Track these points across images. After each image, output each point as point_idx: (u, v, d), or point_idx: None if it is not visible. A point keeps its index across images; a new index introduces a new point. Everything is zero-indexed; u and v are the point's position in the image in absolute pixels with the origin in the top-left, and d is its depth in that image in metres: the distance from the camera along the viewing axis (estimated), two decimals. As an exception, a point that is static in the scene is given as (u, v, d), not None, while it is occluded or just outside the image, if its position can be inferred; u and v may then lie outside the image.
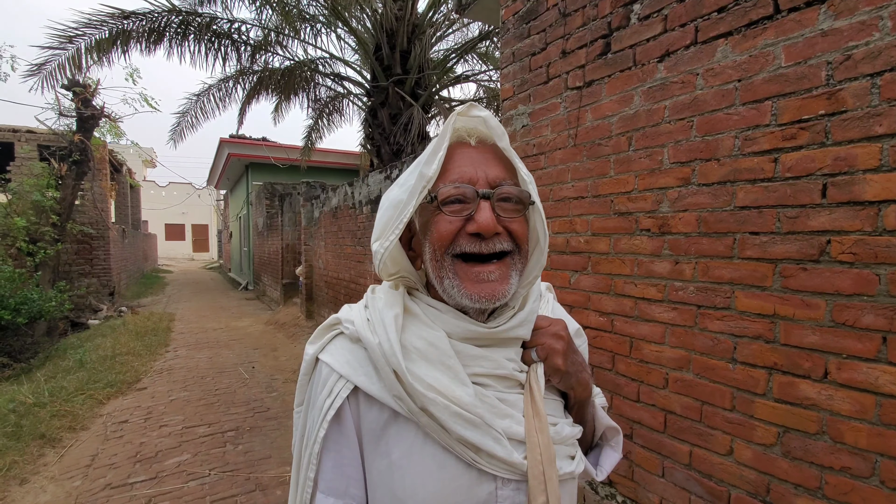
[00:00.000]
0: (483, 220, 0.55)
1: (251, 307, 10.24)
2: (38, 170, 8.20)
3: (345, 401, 0.58)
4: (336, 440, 0.58)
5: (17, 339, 6.21)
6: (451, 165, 0.59)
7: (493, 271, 0.57)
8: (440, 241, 0.57)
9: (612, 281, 1.98)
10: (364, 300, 0.65)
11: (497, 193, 0.57)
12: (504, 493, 0.58)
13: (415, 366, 0.56)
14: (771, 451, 1.46)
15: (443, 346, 0.57)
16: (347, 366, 0.59)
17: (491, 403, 0.57)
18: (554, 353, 0.62)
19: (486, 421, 0.56)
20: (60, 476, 2.85)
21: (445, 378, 0.56)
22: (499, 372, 0.59)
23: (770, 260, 1.45)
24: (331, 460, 0.58)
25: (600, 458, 0.75)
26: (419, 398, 0.55)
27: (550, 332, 0.63)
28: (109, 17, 5.75)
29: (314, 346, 0.63)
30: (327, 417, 0.57)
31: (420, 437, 0.57)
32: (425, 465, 0.56)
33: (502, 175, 0.59)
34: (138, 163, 23.93)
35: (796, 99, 1.37)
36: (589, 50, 2.05)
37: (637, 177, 1.86)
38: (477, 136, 0.61)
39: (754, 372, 1.49)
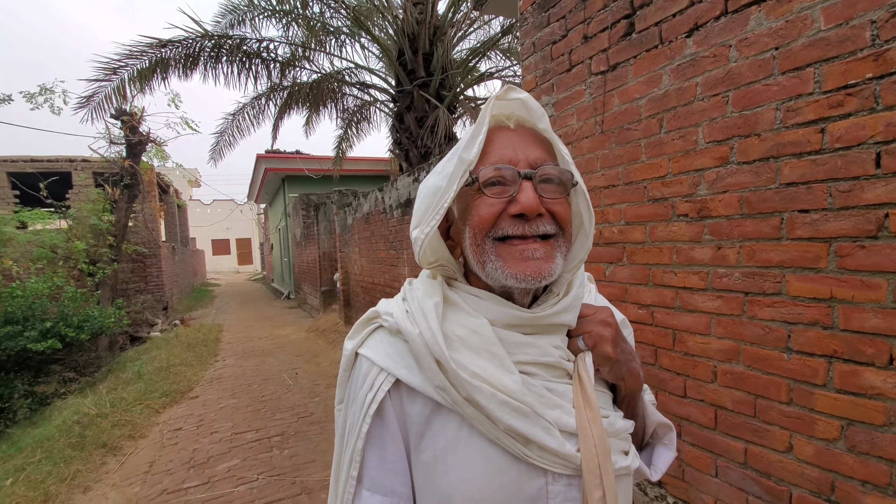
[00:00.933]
0: (526, 200, 0.53)
1: (293, 315, 10.54)
2: (93, 195, 8.78)
3: (387, 394, 0.56)
4: (379, 435, 0.56)
5: (81, 355, 6.65)
6: (491, 149, 0.57)
7: (538, 248, 0.54)
8: (481, 225, 0.55)
9: (650, 271, 1.89)
10: (402, 293, 0.64)
11: (539, 174, 0.55)
12: (555, 488, 0.54)
13: (458, 354, 0.54)
14: (834, 447, 1.34)
15: (486, 333, 0.55)
16: (388, 358, 0.57)
17: (539, 393, 0.55)
18: (603, 340, 0.59)
19: (535, 410, 0.53)
20: (121, 483, 3.01)
21: (490, 366, 0.54)
22: (545, 360, 0.56)
23: (823, 239, 1.33)
24: (375, 456, 0.56)
25: (653, 456, 0.70)
26: (464, 387, 0.52)
27: (597, 320, 0.60)
28: (148, 46, 6.08)
29: (353, 342, 0.62)
30: (370, 412, 0.55)
31: (465, 430, 0.54)
32: (471, 458, 0.53)
33: (543, 157, 0.57)
34: (184, 183, 25.21)
35: (840, 63, 1.26)
36: (612, 32, 1.98)
37: (671, 160, 1.77)
38: (516, 120, 0.59)
39: (812, 361, 1.38)
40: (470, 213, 0.57)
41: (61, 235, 7.97)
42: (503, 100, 0.58)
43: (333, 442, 2.52)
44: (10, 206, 9.22)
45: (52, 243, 7.73)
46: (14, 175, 9.53)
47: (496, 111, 0.58)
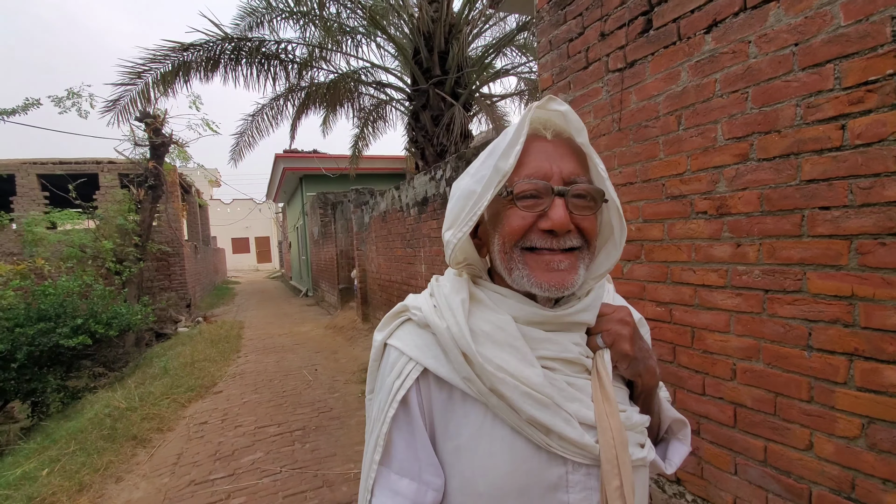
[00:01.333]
0: (557, 218, 0.55)
1: (311, 312, 10.71)
2: (119, 196, 9.06)
3: (415, 383, 0.59)
4: (407, 421, 0.59)
5: (110, 351, 6.89)
6: (526, 159, 0.58)
7: (563, 261, 0.57)
8: (511, 235, 0.58)
9: (669, 268, 1.89)
10: (429, 288, 0.67)
11: (572, 191, 0.56)
12: (575, 477, 0.57)
13: (483, 348, 0.57)
14: (855, 444, 1.33)
15: (510, 329, 0.58)
16: (416, 349, 0.60)
17: (559, 386, 0.58)
18: (621, 338, 0.61)
19: (556, 402, 0.56)
20: (151, 474, 3.13)
21: (514, 360, 0.57)
22: (565, 355, 0.59)
23: (844, 236, 1.32)
24: (402, 441, 0.59)
25: (668, 451, 0.73)
26: (489, 378, 0.55)
27: (616, 318, 0.63)
28: (171, 50, 6.23)
29: (382, 333, 0.65)
30: (397, 398, 0.58)
31: (489, 419, 0.57)
32: (494, 446, 0.57)
33: (577, 170, 0.58)
34: (205, 183, 25.74)
35: (861, 59, 1.25)
36: (629, 29, 1.97)
37: (689, 157, 1.77)
38: (553, 130, 0.60)
39: (833, 359, 1.37)
40: (501, 222, 0.59)
41: (89, 235, 8.25)
42: (544, 109, 0.59)
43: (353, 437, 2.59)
44: (39, 207, 9.57)
45: (81, 243, 8.02)
46: (43, 177, 9.88)
47: (536, 119, 0.59)
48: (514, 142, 0.56)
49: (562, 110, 0.58)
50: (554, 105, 0.58)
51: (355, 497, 2.62)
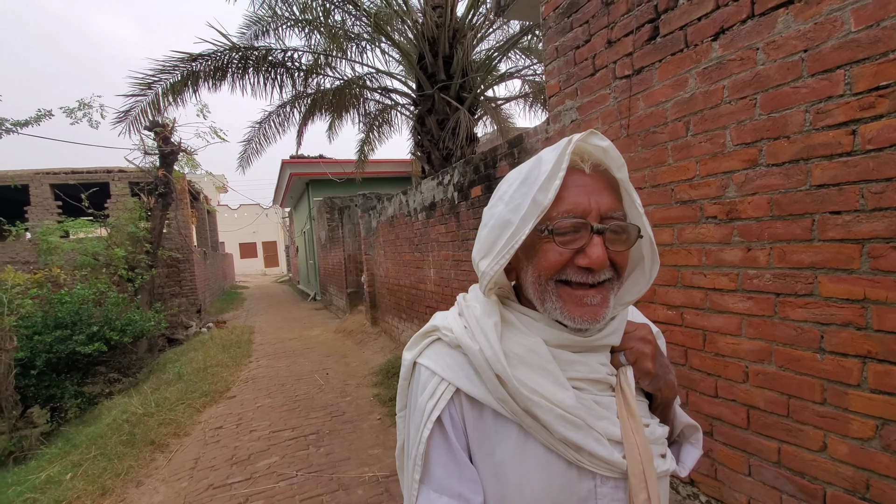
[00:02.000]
0: (596, 256, 0.56)
1: (320, 317, 10.78)
2: (130, 204, 9.19)
3: (449, 402, 0.61)
4: (443, 439, 0.61)
5: (124, 357, 6.99)
6: (564, 193, 0.58)
7: (595, 296, 0.58)
8: (548, 270, 0.59)
9: (679, 272, 1.91)
10: (457, 308, 0.68)
11: (610, 227, 0.57)
12: (603, 490, 0.60)
13: (517, 371, 0.59)
14: (869, 446, 1.35)
15: (542, 352, 0.60)
16: (448, 369, 0.62)
17: (589, 406, 0.60)
18: (643, 356, 0.63)
19: (587, 423, 0.58)
20: (170, 478, 3.18)
21: (547, 382, 0.59)
22: (593, 376, 0.62)
23: (855, 240, 1.34)
24: (440, 459, 0.61)
25: (681, 454, 0.75)
26: (523, 401, 0.57)
27: (638, 337, 0.65)
28: (180, 61, 6.32)
29: (411, 353, 0.67)
30: (431, 418, 0.60)
31: (523, 437, 0.60)
32: (529, 464, 0.59)
33: (613, 205, 0.59)
34: (212, 189, 25.97)
35: (872, 65, 1.27)
36: (636, 37, 2.00)
37: (698, 162, 1.79)
38: (591, 162, 0.60)
39: (846, 361, 1.39)
40: (537, 255, 0.60)
41: (102, 243, 8.37)
42: (585, 143, 0.59)
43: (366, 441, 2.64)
44: (53, 216, 9.73)
45: (94, 251, 8.13)
46: (56, 186, 10.04)
47: (575, 152, 0.59)
48: (553, 175, 0.56)
49: (604, 146, 0.59)
50: (595, 140, 0.59)
51: (371, 500, 2.65)
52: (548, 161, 0.57)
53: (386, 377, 4.88)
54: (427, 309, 5.11)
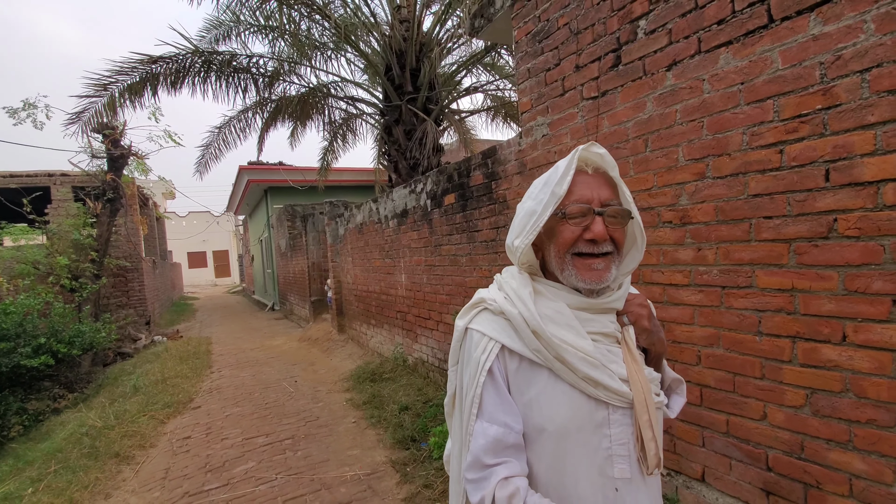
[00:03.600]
0: (598, 230, 0.77)
1: (281, 326, 10.55)
2: (74, 210, 8.68)
3: (496, 356, 0.80)
4: (493, 384, 0.80)
5: (71, 371, 6.58)
6: (574, 188, 0.80)
7: (600, 263, 0.79)
8: (564, 244, 0.80)
9: (640, 271, 2.16)
10: (496, 284, 0.89)
11: (607, 211, 0.78)
12: (615, 416, 0.80)
13: (548, 327, 0.78)
14: (801, 412, 1.62)
15: (566, 313, 0.80)
16: (495, 331, 0.82)
17: (603, 352, 0.80)
18: (641, 317, 0.84)
19: (602, 363, 0.78)
20: (140, 489, 3.10)
21: (571, 335, 0.78)
22: (605, 330, 0.82)
23: (784, 240, 1.62)
24: (490, 398, 0.80)
25: (670, 402, 0.96)
26: (555, 348, 0.77)
27: (637, 302, 0.86)
28: (139, 62, 6.14)
29: (463, 320, 0.87)
30: (485, 368, 0.79)
31: (553, 379, 0.79)
32: (558, 398, 0.78)
33: (610, 196, 0.80)
34: (159, 195, 24.75)
35: (795, 96, 1.55)
36: (601, 63, 2.26)
37: (655, 175, 2.05)
38: (593, 166, 0.82)
39: (779, 342, 1.66)
40: (555, 234, 0.82)
41: (42, 251, 7.86)
42: (587, 151, 0.81)
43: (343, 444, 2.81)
44: (-12, 222, 9.00)
45: (34, 259, 7.62)
46: (-8, 191, 9.30)
47: (581, 158, 0.81)
48: (566, 174, 0.79)
49: (601, 153, 0.81)
50: (595, 149, 0.81)
51: (355, 497, 2.73)
52: (561, 166, 0.80)
53: (358, 382, 4.92)
54: (397, 314, 5.21)
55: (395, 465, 3.02)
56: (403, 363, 5.02)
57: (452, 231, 3.96)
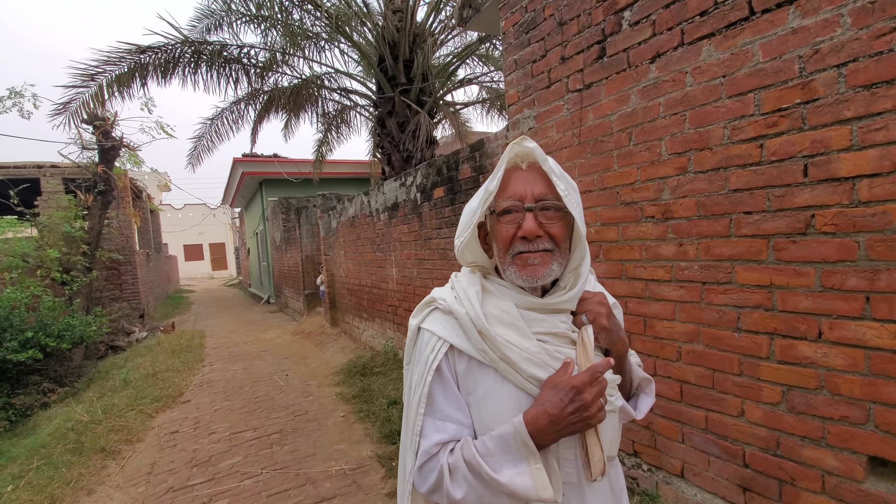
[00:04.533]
0: (527, 227, 0.76)
1: (276, 319, 10.54)
2: (64, 202, 8.59)
3: (444, 355, 0.80)
4: (441, 383, 0.80)
5: (61, 365, 6.55)
6: (508, 185, 0.79)
7: (536, 258, 0.77)
8: (503, 242, 0.79)
9: (623, 266, 2.15)
10: (450, 283, 0.88)
11: (538, 206, 0.77)
12: None
13: (493, 327, 0.77)
14: (777, 409, 1.61)
15: (513, 312, 0.78)
16: (444, 330, 0.81)
17: (551, 353, 0.78)
18: (599, 315, 0.81)
19: (546, 363, 0.76)
20: (124, 484, 3.09)
21: (516, 335, 0.77)
22: (554, 330, 0.80)
23: (763, 236, 1.60)
24: (440, 396, 0.79)
25: (638, 402, 0.94)
26: (499, 348, 0.76)
27: (595, 301, 0.83)
28: (127, 52, 6.06)
29: (416, 319, 0.86)
30: (432, 367, 0.79)
31: (498, 379, 0.78)
32: (503, 398, 0.77)
33: (545, 191, 0.78)
34: (154, 188, 24.59)
35: (775, 90, 1.53)
36: (586, 55, 2.22)
37: (639, 169, 2.03)
38: (528, 161, 0.81)
39: (757, 338, 1.65)
40: (496, 233, 0.81)
41: (31, 244, 7.79)
42: (519, 146, 0.80)
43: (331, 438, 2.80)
44: (-25, 214, 8.92)
45: (23, 252, 7.56)
46: (-21, 182, 9.20)
47: (513, 154, 0.80)
48: (498, 170, 0.79)
49: (531, 147, 0.79)
50: (526, 143, 0.80)
51: (339, 491, 2.73)
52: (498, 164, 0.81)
53: (348, 376, 4.91)
54: (389, 308, 5.20)
55: (380, 460, 3.02)
56: (394, 357, 5.02)
57: (442, 225, 3.93)
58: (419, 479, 0.78)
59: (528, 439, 0.71)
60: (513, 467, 0.71)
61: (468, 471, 0.73)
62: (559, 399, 0.71)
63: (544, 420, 0.71)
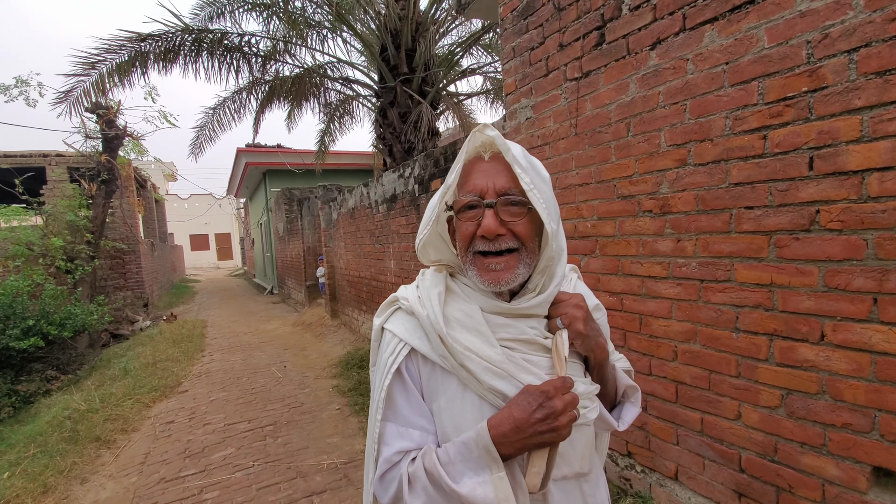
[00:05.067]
0: (485, 224, 0.68)
1: (278, 310, 10.56)
2: (69, 191, 8.62)
3: (406, 357, 0.74)
4: (402, 387, 0.74)
5: (63, 353, 6.60)
6: (468, 178, 0.72)
7: (499, 263, 0.70)
8: (463, 240, 0.72)
9: (620, 262, 2.07)
10: (416, 281, 0.80)
11: (500, 202, 0.69)
12: None
13: (455, 332, 0.71)
14: (776, 413, 1.54)
15: (476, 317, 0.72)
16: (406, 332, 0.75)
17: (517, 362, 0.71)
18: (576, 319, 0.73)
19: (511, 374, 0.69)
20: (118, 474, 3.09)
21: (478, 341, 0.70)
22: (522, 337, 0.72)
23: (765, 232, 1.52)
24: (402, 401, 0.73)
25: (622, 412, 0.87)
26: (458, 356, 0.69)
27: (572, 303, 0.74)
28: (127, 40, 6.00)
29: (380, 319, 0.80)
30: (391, 370, 0.73)
31: (461, 388, 0.72)
32: (466, 408, 0.71)
33: (509, 185, 0.69)
34: (160, 177, 24.69)
35: (780, 78, 1.44)
36: (584, 42, 2.13)
37: (637, 161, 1.94)
38: (491, 151, 0.72)
39: (756, 339, 1.58)
40: (458, 230, 0.74)
41: (37, 232, 7.83)
42: (481, 133, 0.72)
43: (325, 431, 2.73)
44: (-19, 202, 8.97)
45: (28, 240, 7.60)
46: (-15, 171, 9.25)
47: (475, 144, 0.73)
48: (457, 162, 0.72)
49: (492, 136, 0.71)
50: (487, 132, 0.71)
51: (330, 486, 2.70)
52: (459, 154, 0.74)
53: (346, 369, 4.89)
54: (387, 301, 5.15)
55: (373, 454, 2.99)
56: (392, 350, 4.98)
57: (439, 217, 3.86)
58: (380, 489, 0.72)
59: (490, 445, 0.64)
60: (474, 476, 0.65)
61: (428, 481, 0.67)
62: (527, 403, 0.65)
63: (509, 425, 0.64)
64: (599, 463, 0.88)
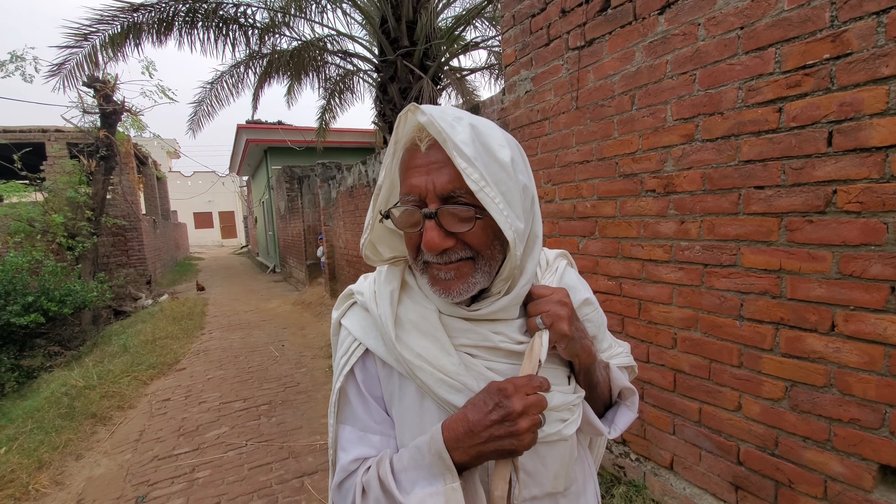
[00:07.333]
0: (428, 241, 0.55)
1: (279, 289, 10.56)
2: (69, 167, 8.54)
3: (364, 356, 0.66)
4: (357, 389, 0.67)
5: (65, 329, 6.64)
6: (405, 176, 0.58)
7: (450, 271, 0.58)
8: (410, 250, 0.63)
9: (619, 244, 1.97)
10: (376, 272, 0.71)
11: (442, 211, 0.55)
12: None
13: (407, 336, 0.62)
14: (779, 406, 1.46)
15: (432, 320, 0.63)
16: (361, 330, 0.67)
17: (478, 371, 0.62)
18: (559, 319, 0.60)
19: (468, 387, 0.60)
20: (112, 451, 3.09)
21: (433, 347, 0.61)
22: (485, 344, 0.62)
23: (775, 214, 1.41)
24: (359, 404, 0.66)
25: (616, 416, 0.76)
26: (407, 365, 0.61)
27: (554, 300, 0.62)
28: (120, 11, 5.82)
29: (338, 312, 0.72)
30: (344, 371, 0.66)
31: (419, 395, 0.64)
32: (424, 417, 0.63)
33: (453, 184, 0.55)
34: (163, 154, 24.54)
35: (800, 43, 1.31)
36: (588, 7, 1.98)
37: (641, 136, 1.82)
38: (427, 141, 0.56)
39: (761, 328, 1.48)
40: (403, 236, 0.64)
41: (38, 209, 7.79)
42: (412, 115, 0.56)
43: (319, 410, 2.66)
44: (-19, 178, 8.93)
45: (29, 217, 7.57)
46: (-16, 146, 9.17)
47: (407, 130, 0.58)
48: (387, 156, 0.60)
49: (423, 121, 0.54)
50: (418, 115, 0.55)
51: (321, 466, 2.68)
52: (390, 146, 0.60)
53: (342, 348, 4.87)
54: (385, 281, 5.09)
55: (366, 436, 2.97)
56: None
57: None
58: (338, 497, 0.65)
59: (443, 450, 0.55)
60: (427, 486, 0.56)
61: (380, 491, 0.58)
62: (482, 402, 0.55)
63: (462, 426, 0.55)
64: (591, 471, 0.78)
